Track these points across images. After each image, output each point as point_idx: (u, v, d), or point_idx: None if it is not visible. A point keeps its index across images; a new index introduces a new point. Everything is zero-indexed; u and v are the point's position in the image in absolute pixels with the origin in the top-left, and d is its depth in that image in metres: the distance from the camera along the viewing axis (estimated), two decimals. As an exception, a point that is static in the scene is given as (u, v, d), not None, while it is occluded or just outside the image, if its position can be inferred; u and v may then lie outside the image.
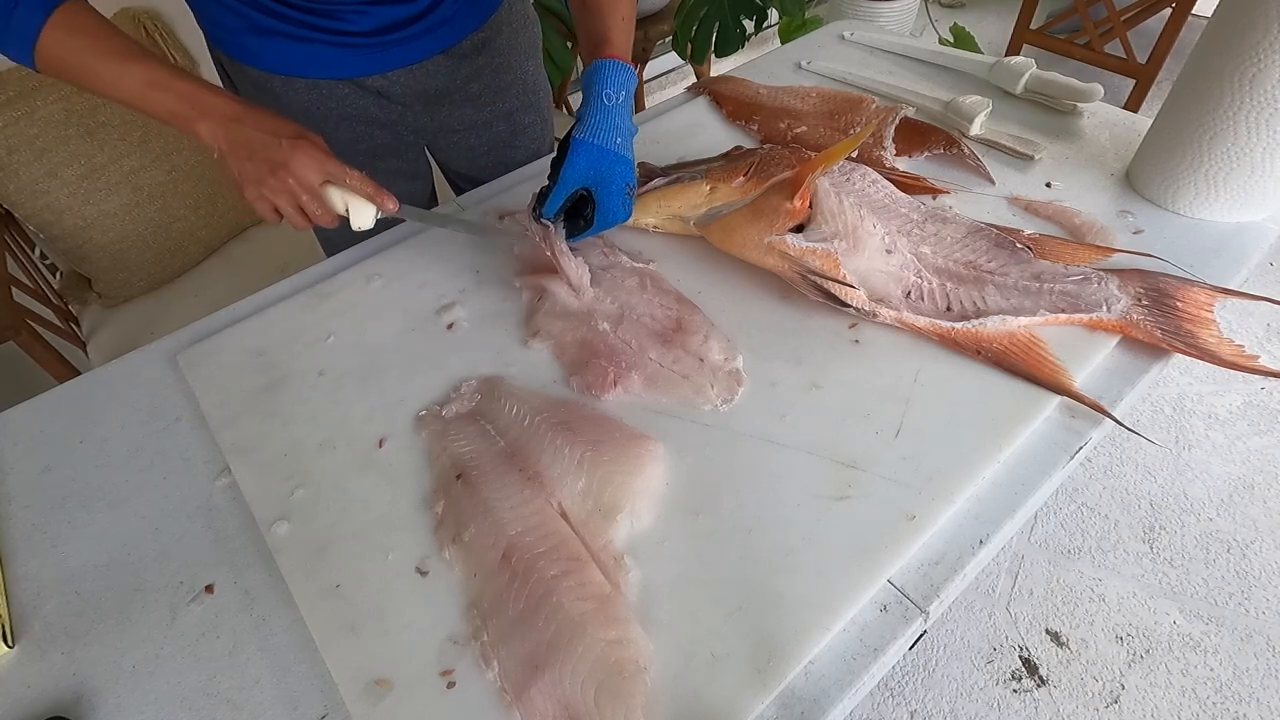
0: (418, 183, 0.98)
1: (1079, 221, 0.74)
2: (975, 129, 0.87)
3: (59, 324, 1.22)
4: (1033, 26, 2.32)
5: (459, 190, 1.07)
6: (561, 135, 0.68)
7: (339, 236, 0.94)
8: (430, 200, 1.03)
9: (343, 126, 0.84)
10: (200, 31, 0.80)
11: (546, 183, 0.67)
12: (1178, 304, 0.64)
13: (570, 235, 0.68)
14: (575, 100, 1.95)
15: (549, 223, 0.67)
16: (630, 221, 0.77)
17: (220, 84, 0.84)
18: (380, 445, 0.59)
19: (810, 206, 0.67)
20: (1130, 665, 1.18)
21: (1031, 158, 0.83)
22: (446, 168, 1.02)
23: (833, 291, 0.64)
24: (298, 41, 0.75)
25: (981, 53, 1.09)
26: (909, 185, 0.77)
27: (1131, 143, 0.83)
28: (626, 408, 0.60)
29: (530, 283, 0.71)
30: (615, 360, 0.62)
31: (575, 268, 0.68)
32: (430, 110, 0.88)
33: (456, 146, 0.94)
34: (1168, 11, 2.05)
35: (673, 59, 2.57)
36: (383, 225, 0.69)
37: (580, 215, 0.68)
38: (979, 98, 0.87)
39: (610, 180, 0.66)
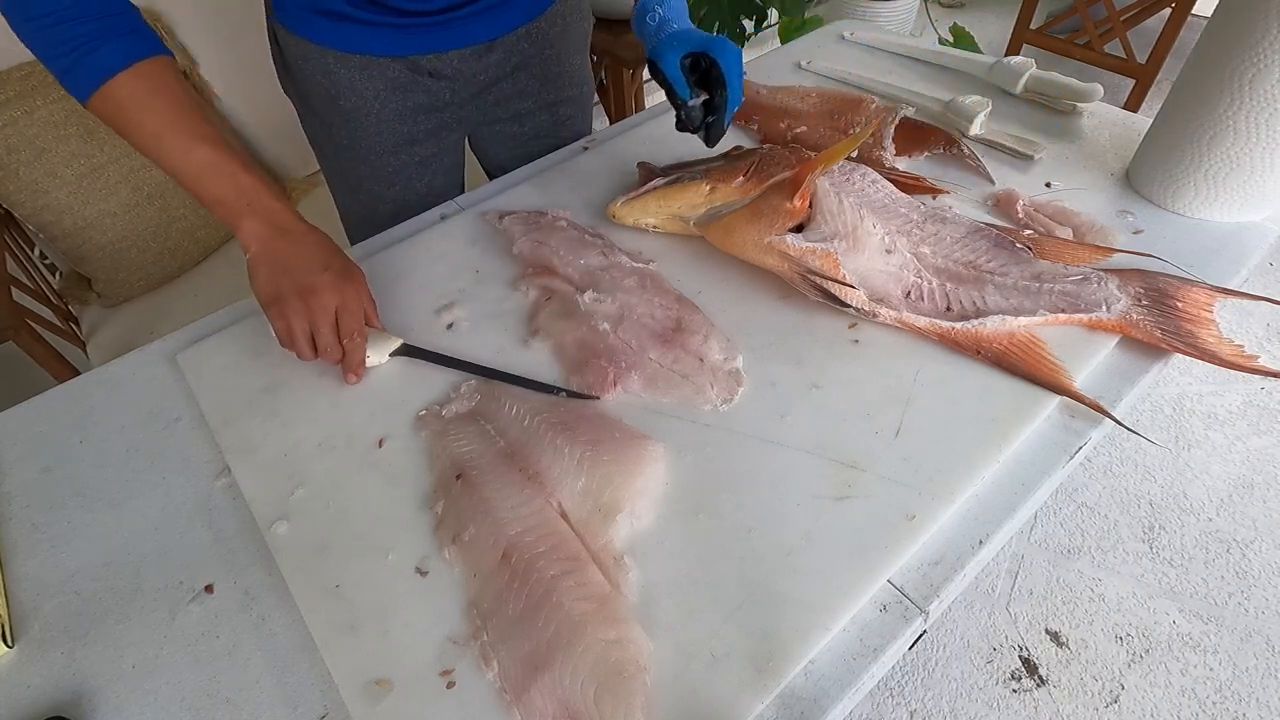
0: (445, 167, 0.96)
1: (1079, 221, 0.74)
2: (975, 129, 0.87)
3: (59, 324, 1.22)
4: (1033, 26, 2.32)
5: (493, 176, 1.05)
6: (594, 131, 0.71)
7: (368, 227, 0.94)
8: (454, 189, 1.01)
9: (388, 109, 0.84)
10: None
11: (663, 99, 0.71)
12: (1178, 304, 0.64)
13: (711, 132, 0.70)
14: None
15: (695, 105, 0.68)
16: (630, 221, 0.77)
17: (270, 51, 0.85)
18: (380, 445, 0.59)
19: (810, 206, 0.67)
20: (1130, 665, 1.18)
21: (1031, 158, 0.83)
22: (485, 157, 1.01)
23: (833, 291, 0.64)
24: (359, 24, 0.77)
25: (981, 53, 1.09)
26: (909, 185, 0.77)
27: (1131, 143, 0.83)
28: (626, 408, 0.60)
29: (535, 282, 0.71)
30: (615, 360, 0.62)
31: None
32: (477, 97, 0.89)
33: (498, 135, 0.95)
34: (1168, 11, 2.05)
35: (673, 59, 2.56)
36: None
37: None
38: (979, 98, 0.87)
39: (714, 39, 0.68)
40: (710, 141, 0.71)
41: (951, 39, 2.00)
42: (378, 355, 0.65)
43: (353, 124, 0.85)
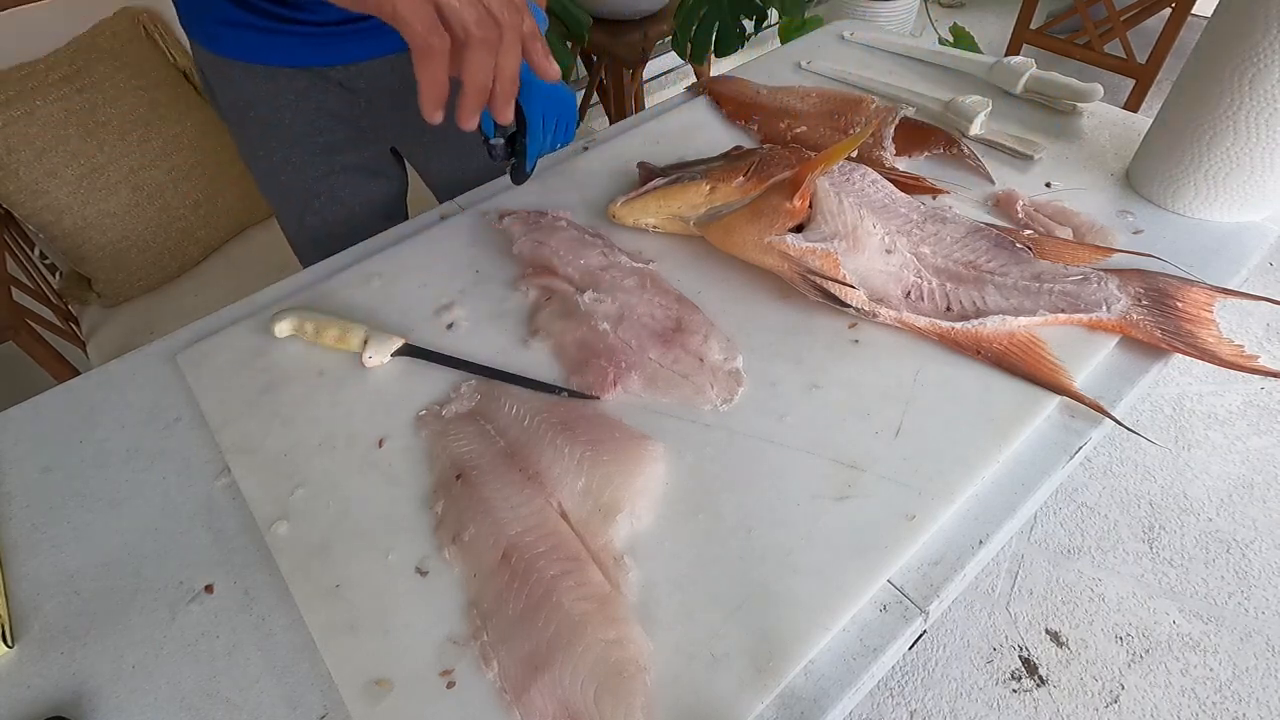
0: (381, 181, 0.94)
1: (1079, 221, 0.74)
2: (975, 129, 0.87)
3: (59, 324, 1.22)
4: (1033, 26, 2.32)
5: (440, 196, 1.03)
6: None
7: (305, 245, 0.93)
8: (396, 205, 0.99)
9: (300, 117, 0.82)
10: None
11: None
12: (1177, 304, 0.64)
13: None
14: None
15: (497, 142, 0.66)
16: (630, 221, 0.77)
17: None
18: (380, 445, 0.59)
19: (810, 206, 0.67)
20: (1130, 665, 1.18)
21: (1031, 158, 0.83)
22: (423, 171, 0.99)
23: (833, 291, 0.64)
24: (259, 31, 0.75)
25: (981, 53, 1.09)
26: (909, 185, 0.77)
27: (1131, 143, 0.83)
28: (626, 408, 0.60)
29: (535, 282, 0.71)
30: (615, 360, 0.62)
31: None
32: (397, 107, 0.86)
33: (429, 148, 0.92)
34: (1168, 11, 2.05)
35: (672, 59, 2.57)
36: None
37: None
38: (979, 98, 0.87)
39: (533, 84, 0.63)
40: (514, 180, 0.72)
41: (951, 39, 2.00)
42: (380, 355, 0.65)
43: (268, 135, 0.84)
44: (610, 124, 1.49)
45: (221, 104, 0.84)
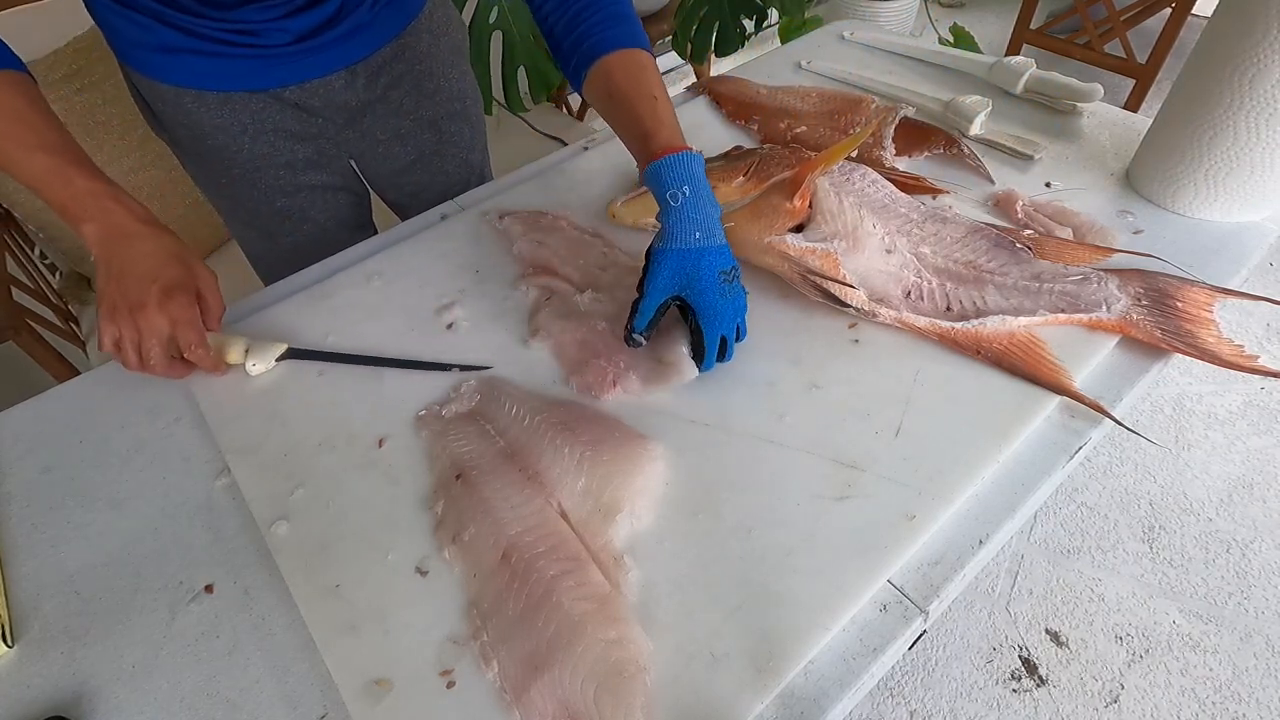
0: (345, 195, 0.93)
1: (1079, 221, 0.74)
2: (975, 129, 0.87)
3: (59, 324, 1.22)
4: (1033, 26, 2.32)
5: (394, 207, 1.02)
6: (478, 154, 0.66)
7: (278, 264, 0.91)
8: (364, 215, 0.99)
9: (260, 140, 0.80)
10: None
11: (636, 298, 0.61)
12: (1177, 304, 0.64)
13: (700, 365, 0.61)
14: (575, 100, 1.95)
15: (641, 338, 0.61)
16: (630, 221, 0.77)
17: (132, 97, 0.81)
18: (380, 445, 0.59)
19: (810, 206, 0.67)
20: (1130, 665, 1.18)
21: (1031, 158, 0.83)
22: (375, 182, 0.96)
23: (832, 291, 0.64)
24: (207, 57, 0.71)
25: (981, 53, 1.09)
26: (909, 185, 0.77)
27: (1131, 143, 0.83)
28: (626, 407, 0.60)
29: (535, 282, 0.71)
30: (614, 360, 0.62)
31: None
32: (352, 122, 0.84)
33: (382, 157, 0.90)
34: (1168, 11, 2.05)
35: (672, 59, 2.57)
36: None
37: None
38: (979, 98, 0.87)
39: (699, 277, 0.58)
40: (638, 330, 0.62)
41: (951, 39, 2.00)
42: (263, 363, 0.64)
43: (227, 161, 0.81)
44: (610, 124, 1.49)
45: (173, 134, 0.81)
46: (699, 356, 0.61)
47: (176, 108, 0.76)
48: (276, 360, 0.65)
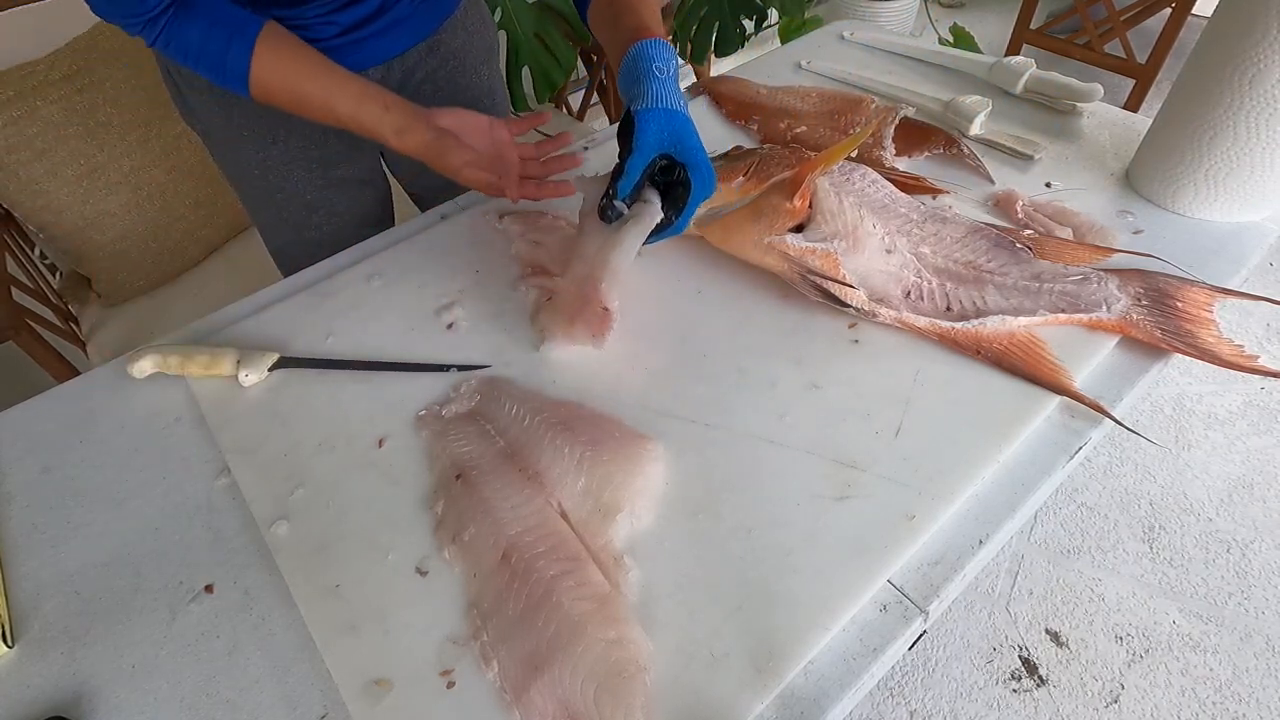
0: (370, 190, 0.95)
1: (1079, 221, 0.74)
2: (975, 129, 0.87)
3: (59, 324, 1.22)
4: (1033, 26, 2.32)
5: (418, 203, 1.05)
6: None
7: (301, 256, 0.90)
8: (386, 210, 1.00)
9: (296, 133, 0.82)
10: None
11: (610, 172, 0.61)
12: (1177, 304, 0.64)
13: (659, 231, 0.62)
14: (575, 100, 1.95)
15: (623, 206, 0.60)
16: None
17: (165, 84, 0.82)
18: (380, 445, 0.59)
19: (810, 206, 0.67)
20: (1130, 665, 1.18)
21: (1031, 158, 0.83)
22: (401, 176, 0.99)
23: (833, 291, 0.64)
24: None
25: (981, 53, 1.09)
26: (909, 185, 0.77)
27: (1131, 143, 0.83)
28: (626, 408, 0.60)
29: (534, 282, 0.71)
30: (596, 296, 0.61)
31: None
32: None
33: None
34: (1168, 11, 2.05)
35: (673, 59, 2.56)
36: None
37: (663, 196, 0.63)
38: (979, 98, 0.87)
39: (689, 134, 0.60)
40: (621, 195, 0.65)
41: (951, 39, 2.00)
42: (256, 373, 0.64)
43: (262, 154, 0.83)
44: (610, 124, 1.49)
45: (207, 125, 0.82)
46: (676, 215, 0.62)
47: (213, 98, 0.78)
48: (269, 370, 0.65)
